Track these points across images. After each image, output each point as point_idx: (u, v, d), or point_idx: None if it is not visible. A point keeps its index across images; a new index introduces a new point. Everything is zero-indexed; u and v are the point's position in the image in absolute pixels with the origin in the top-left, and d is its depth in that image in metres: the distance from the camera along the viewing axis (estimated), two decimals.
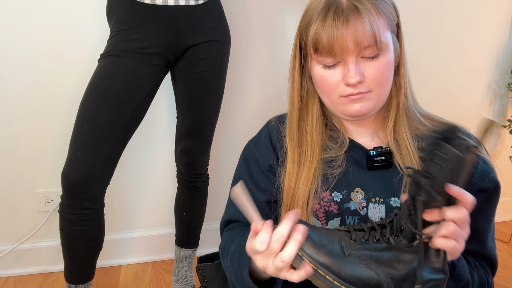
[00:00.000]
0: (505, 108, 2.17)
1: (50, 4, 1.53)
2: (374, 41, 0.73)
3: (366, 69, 0.75)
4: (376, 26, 0.73)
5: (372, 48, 0.74)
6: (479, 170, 0.80)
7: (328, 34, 0.73)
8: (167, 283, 1.71)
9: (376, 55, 0.75)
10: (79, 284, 1.31)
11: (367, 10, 0.73)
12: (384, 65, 0.76)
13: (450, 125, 0.63)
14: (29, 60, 1.56)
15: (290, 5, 1.76)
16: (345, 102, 0.78)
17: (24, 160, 1.64)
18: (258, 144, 0.89)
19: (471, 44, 2.04)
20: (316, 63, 0.79)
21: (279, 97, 1.83)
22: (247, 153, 0.90)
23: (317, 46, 0.75)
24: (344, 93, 0.77)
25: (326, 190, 0.82)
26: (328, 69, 0.77)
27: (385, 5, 0.77)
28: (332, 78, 0.77)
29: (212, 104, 1.39)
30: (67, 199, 1.21)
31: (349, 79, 0.74)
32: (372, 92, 0.77)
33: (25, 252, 1.72)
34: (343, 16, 0.73)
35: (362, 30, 0.72)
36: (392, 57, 0.78)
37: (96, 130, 1.19)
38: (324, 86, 0.78)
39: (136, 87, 1.24)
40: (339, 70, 0.76)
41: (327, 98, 0.81)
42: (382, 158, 0.82)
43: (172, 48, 1.29)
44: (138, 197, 1.80)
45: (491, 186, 0.80)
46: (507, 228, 2.18)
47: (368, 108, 0.78)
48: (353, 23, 0.72)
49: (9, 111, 1.59)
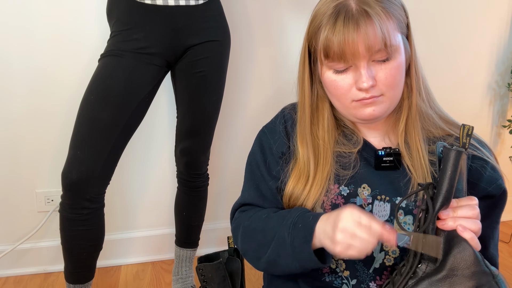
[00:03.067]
0: (505, 108, 2.17)
1: (51, 4, 1.53)
2: (385, 45, 0.73)
3: (378, 72, 0.75)
4: (387, 29, 0.73)
5: (383, 51, 0.74)
6: (487, 176, 0.80)
7: (339, 40, 0.73)
8: (167, 283, 1.71)
9: (387, 58, 0.75)
10: (79, 284, 1.31)
11: (377, 13, 0.73)
12: (396, 68, 0.76)
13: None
14: (30, 60, 1.56)
15: (290, 5, 1.77)
16: (358, 106, 0.77)
17: (24, 160, 1.64)
18: (272, 130, 0.90)
19: (471, 44, 2.04)
20: (326, 69, 0.78)
21: (279, 97, 1.83)
22: (262, 139, 0.90)
23: (328, 51, 0.75)
24: (356, 98, 0.76)
25: (335, 184, 0.83)
26: (339, 74, 0.77)
27: (394, 7, 0.76)
28: (343, 83, 0.77)
29: (212, 104, 1.39)
30: (67, 198, 1.21)
31: (361, 84, 0.74)
32: (385, 95, 0.77)
33: (25, 252, 1.72)
34: (353, 21, 0.72)
35: (373, 35, 0.72)
36: (403, 59, 0.78)
37: (96, 130, 1.19)
38: (336, 91, 0.78)
39: (136, 87, 1.24)
40: (351, 75, 0.76)
41: (338, 103, 0.80)
42: (390, 158, 0.82)
43: (172, 48, 1.29)
44: (138, 197, 1.80)
45: (498, 193, 0.81)
46: (507, 228, 2.18)
47: (381, 111, 0.78)
48: (364, 27, 0.72)
49: (9, 111, 1.59)
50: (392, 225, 0.80)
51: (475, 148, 0.82)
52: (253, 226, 0.83)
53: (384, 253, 0.81)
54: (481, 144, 0.84)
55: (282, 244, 0.76)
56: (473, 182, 0.80)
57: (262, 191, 0.87)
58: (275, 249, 0.78)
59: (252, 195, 0.88)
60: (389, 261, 0.81)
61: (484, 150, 0.83)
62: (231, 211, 0.93)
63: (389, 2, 0.76)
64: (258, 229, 0.82)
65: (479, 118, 2.15)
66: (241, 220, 0.87)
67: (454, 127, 0.85)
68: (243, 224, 0.85)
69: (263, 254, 0.80)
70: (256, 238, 0.82)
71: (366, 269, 0.82)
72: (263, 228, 0.81)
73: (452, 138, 0.83)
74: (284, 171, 0.86)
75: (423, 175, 0.80)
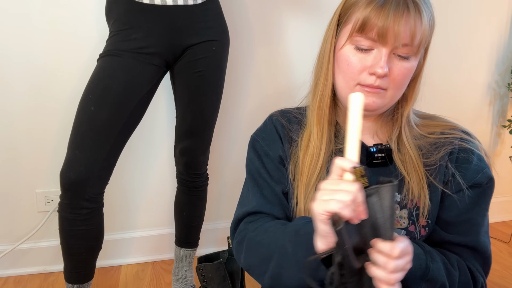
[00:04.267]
0: (505, 108, 2.17)
1: (50, 4, 1.53)
2: (424, 41, 0.74)
3: (393, 67, 0.75)
4: (425, 30, 0.74)
5: (410, 48, 0.74)
6: (473, 166, 0.81)
7: (385, 19, 0.72)
8: (167, 283, 1.71)
9: (408, 57, 0.75)
10: (79, 284, 1.31)
11: (425, 10, 0.74)
12: (409, 69, 0.77)
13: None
14: (29, 60, 1.56)
15: (289, 5, 1.77)
16: (359, 91, 0.76)
17: (24, 160, 1.64)
18: (265, 138, 0.89)
19: (471, 44, 2.04)
20: (349, 42, 0.77)
21: (278, 96, 1.83)
22: (256, 146, 0.89)
23: (366, 26, 0.73)
24: (363, 82, 0.76)
25: None
26: (359, 52, 0.76)
27: (431, 13, 0.77)
28: (359, 62, 0.76)
29: (211, 104, 1.39)
30: (66, 198, 1.21)
31: (378, 69, 0.74)
32: (388, 91, 0.77)
33: (25, 252, 1.72)
34: (404, 5, 0.72)
35: (419, 26, 0.73)
36: (415, 67, 0.79)
37: (94, 129, 1.19)
38: (348, 68, 0.77)
39: (135, 87, 1.24)
40: (370, 57, 0.75)
41: (343, 81, 0.79)
42: (382, 155, 0.82)
43: (171, 48, 1.29)
44: (138, 197, 1.80)
45: (485, 181, 0.82)
46: (507, 228, 2.18)
47: (379, 105, 0.78)
48: (414, 15, 0.72)
49: (9, 111, 1.59)
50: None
51: (463, 139, 0.83)
52: (258, 239, 0.79)
53: None
54: (469, 136, 0.85)
55: (285, 254, 0.73)
56: (462, 172, 0.81)
57: (267, 197, 0.85)
58: (279, 261, 0.74)
59: (259, 202, 0.85)
60: None
61: (472, 141, 0.84)
62: (233, 223, 0.88)
63: (430, 7, 0.77)
64: (263, 241, 0.78)
65: (479, 118, 2.15)
66: (247, 232, 0.82)
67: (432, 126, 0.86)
68: (248, 236, 0.81)
69: (267, 268, 0.76)
70: (260, 251, 0.78)
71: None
72: (268, 241, 0.77)
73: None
74: (286, 175, 0.85)
75: (418, 178, 0.81)
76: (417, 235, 0.83)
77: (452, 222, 0.82)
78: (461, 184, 0.81)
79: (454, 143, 0.82)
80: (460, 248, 0.82)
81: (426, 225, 0.83)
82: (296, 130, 0.88)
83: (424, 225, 0.83)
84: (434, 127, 0.85)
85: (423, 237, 0.83)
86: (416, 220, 0.82)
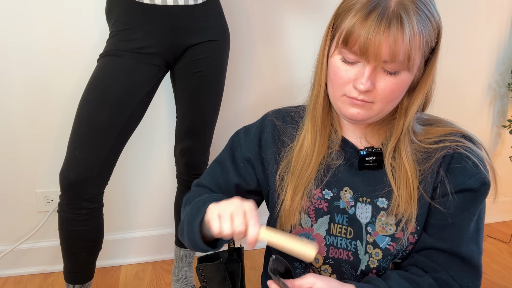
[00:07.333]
0: (505, 108, 2.18)
1: (50, 4, 1.53)
2: (408, 59, 0.70)
3: (379, 81, 0.73)
4: (414, 45, 0.70)
5: (396, 65, 0.71)
6: (466, 171, 0.78)
7: (366, 35, 0.69)
8: (167, 283, 1.71)
9: (396, 72, 0.72)
10: (79, 284, 1.31)
11: (411, 25, 0.69)
12: (398, 84, 0.73)
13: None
14: (29, 60, 1.56)
15: (289, 5, 1.76)
16: (346, 102, 0.76)
17: (24, 160, 1.64)
18: (247, 133, 0.93)
19: (471, 44, 2.04)
20: (337, 53, 0.76)
21: (279, 96, 1.83)
22: (236, 138, 0.94)
23: (349, 40, 0.71)
24: (348, 94, 0.75)
25: (317, 188, 0.83)
26: (345, 64, 0.74)
27: (429, 25, 0.72)
28: (345, 74, 0.74)
29: (211, 104, 1.39)
30: (66, 198, 1.21)
31: (359, 85, 0.72)
32: (375, 105, 0.75)
33: (25, 252, 1.72)
34: (386, 22, 0.68)
35: (400, 44, 0.69)
36: (410, 80, 0.75)
37: (94, 129, 1.19)
38: (335, 78, 0.76)
39: (135, 87, 1.24)
40: (355, 70, 0.73)
41: (332, 90, 0.78)
42: (373, 158, 0.82)
43: (172, 48, 1.29)
44: (138, 197, 1.80)
45: (477, 186, 0.78)
46: (507, 228, 2.18)
47: (365, 116, 0.76)
48: (394, 33, 0.68)
49: (9, 112, 1.59)
50: (374, 227, 0.81)
51: (459, 145, 0.80)
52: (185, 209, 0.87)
53: (368, 255, 0.81)
54: (469, 140, 0.81)
55: (185, 218, 0.82)
56: (453, 176, 0.79)
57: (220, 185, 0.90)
58: (182, 223, 0.83)
59: (209, 181, 0.92)
60: (373, 263, 0.81)
61: (470, 146, 0.80)
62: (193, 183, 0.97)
63: (427, 19, 0.72)
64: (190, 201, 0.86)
65: (479, 118, 2.15)
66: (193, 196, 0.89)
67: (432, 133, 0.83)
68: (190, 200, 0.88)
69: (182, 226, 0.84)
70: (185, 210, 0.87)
71: (354, 271, 0.83)
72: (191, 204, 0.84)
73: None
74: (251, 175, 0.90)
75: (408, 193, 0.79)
76: (405, 242, 0.81)
77: (436, 225, 0.80)
78: (447, 189, 0.78)
79: (449, 148, 0.79)
80: (444, 256, 0.79)
81: (415, 231, 0.81)
82: (290, 132, 0.88)
83: (413, 231, 0.81)
84: (434, 133, 0.83)
85: (412, 243, 0.82)
86: (405, 226, 0.80)
